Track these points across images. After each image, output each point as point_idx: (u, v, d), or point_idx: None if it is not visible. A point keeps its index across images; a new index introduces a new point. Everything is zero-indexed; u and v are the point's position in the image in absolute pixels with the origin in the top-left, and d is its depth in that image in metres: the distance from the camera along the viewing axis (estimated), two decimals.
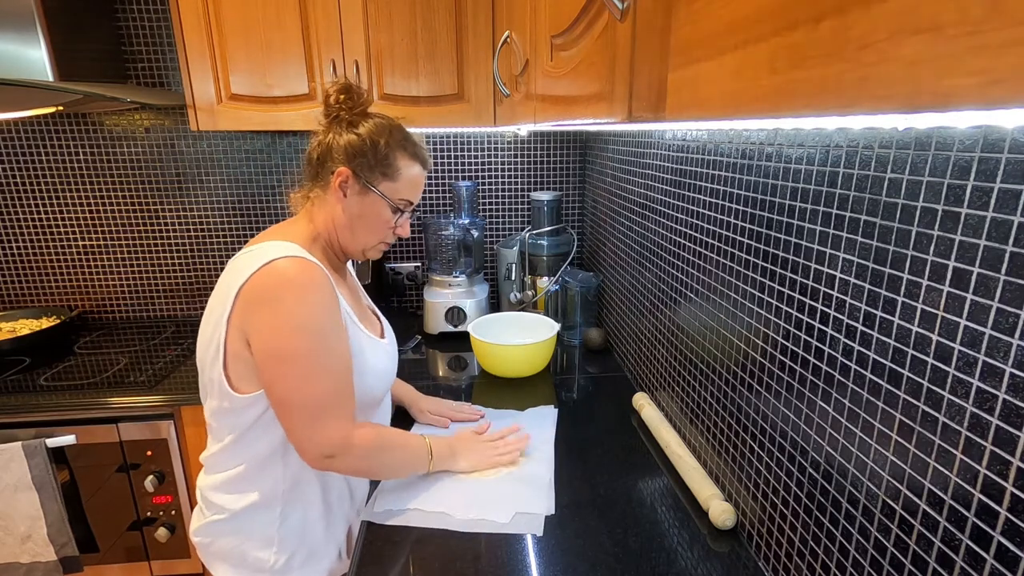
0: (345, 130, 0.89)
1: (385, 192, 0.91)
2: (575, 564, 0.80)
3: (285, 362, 0.79)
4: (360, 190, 0.90)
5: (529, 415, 1.20)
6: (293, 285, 0.79)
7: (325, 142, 0.90)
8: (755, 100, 0.30)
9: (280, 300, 0.79)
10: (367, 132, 0.89)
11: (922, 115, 0.23)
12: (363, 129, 0.89)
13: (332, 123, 0.91)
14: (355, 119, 0.90)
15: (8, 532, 1.33)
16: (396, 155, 0.90)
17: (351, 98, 0.90)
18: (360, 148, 0.88)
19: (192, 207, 1.81)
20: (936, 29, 0.19)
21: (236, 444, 0.87)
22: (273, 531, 0.89)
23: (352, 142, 0.88)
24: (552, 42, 0.76)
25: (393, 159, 0.90)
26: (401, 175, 0.91)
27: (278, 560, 0.89)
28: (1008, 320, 0.43)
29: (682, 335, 1.05)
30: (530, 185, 1.89)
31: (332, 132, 0.90)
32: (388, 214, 0.93)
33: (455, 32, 1.45)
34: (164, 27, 1.65)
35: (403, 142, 0.91)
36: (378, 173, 0.90)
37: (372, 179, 0.90)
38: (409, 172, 0.92)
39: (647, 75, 0.45)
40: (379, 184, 0.90)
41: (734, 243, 0.84)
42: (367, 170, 0.89)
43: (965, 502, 0.47)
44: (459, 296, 1.67)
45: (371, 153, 0.89)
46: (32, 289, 1.83)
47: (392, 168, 0.90)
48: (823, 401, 0.65)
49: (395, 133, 0.91)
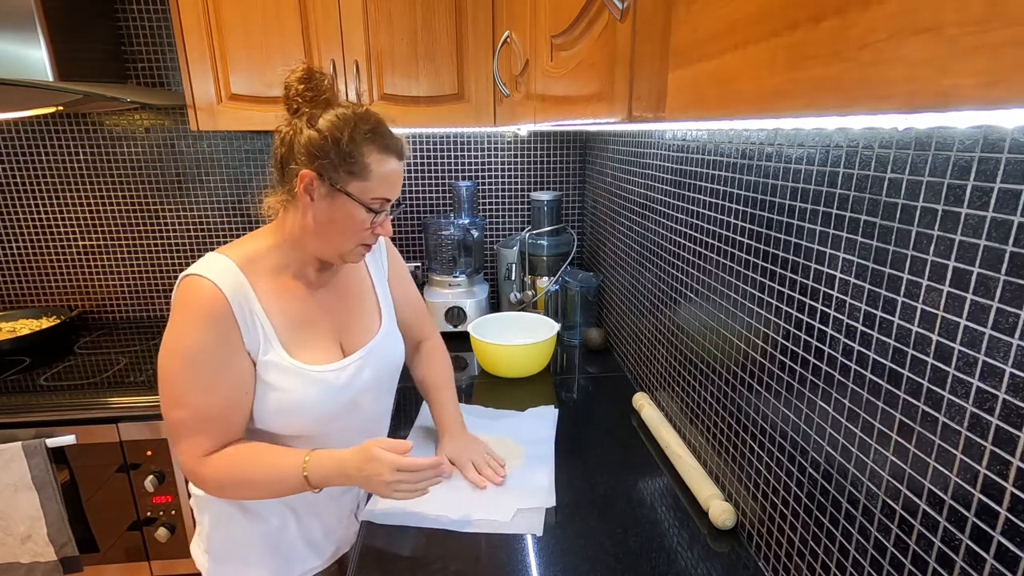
0: (305, 125, 0.79)
1: (355, 193, 0.81)
2: (575, 564, 0.80)
3: (160, 381, 0.80)
4: (327, 192, 0.81)
5: (529, 415, 1.20)
6: (180, 307, 0.78)
7: (287, 140, 0.81)
8: (755, 100, 0.30)
9: (173, 320, 0.79)
10: (328, 127, 0.78)
11: (922, 115, 0.23)
12: (323, 123, 0.79)
13: (293, 118, 0.82)
14: (316, 113, 0.80)
15: (8, 532, 1.33)
16: (363, 150, 0.80)
17: (311, 87, 0.81)
18: (321, 146, 0.78)
19: (192, 207, 1.81)
20: (936, 29, 0.19)
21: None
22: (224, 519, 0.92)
23: (312, 139, 0.78)
24: (552, 42, 0.76)
25: (359, 155, 0.80)
26: (372, 172, 0.81)
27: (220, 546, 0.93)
28: (1008, 320, 0.43)
29: (682, 335, 1.05)
30: (530, 185, 1.89)
31: (292, 128, 0.81)
32: (362, 215, 0.83)
33: (455, 32, 1.45)
34: (164, 27, 1.65)
35: (370, 135, 0.80)
36: (343, 172, 0.80)
37: (338, 180, 0.80)
38: (381, 168, 0.82)
39: (647, 75, 0.45)
40: (347, 185, 0.81)
41: (734, 243, 0.84)
42: (332, 170, 0.79)
43: (965, 502, 0.47)
44: (459, 296, 1.67)
45: (334, 151, 0.78)
46: (32, 289, 1.83)
47: (359, 165, 0.80)
48: (823, 401, 0.65)
49: (360, 125, 0.80)
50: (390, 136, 0.84)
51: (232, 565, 0.93)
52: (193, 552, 0.98)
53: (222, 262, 0.81)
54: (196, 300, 0.77)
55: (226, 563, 0.93)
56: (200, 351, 0.77)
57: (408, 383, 1.25)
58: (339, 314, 0.94)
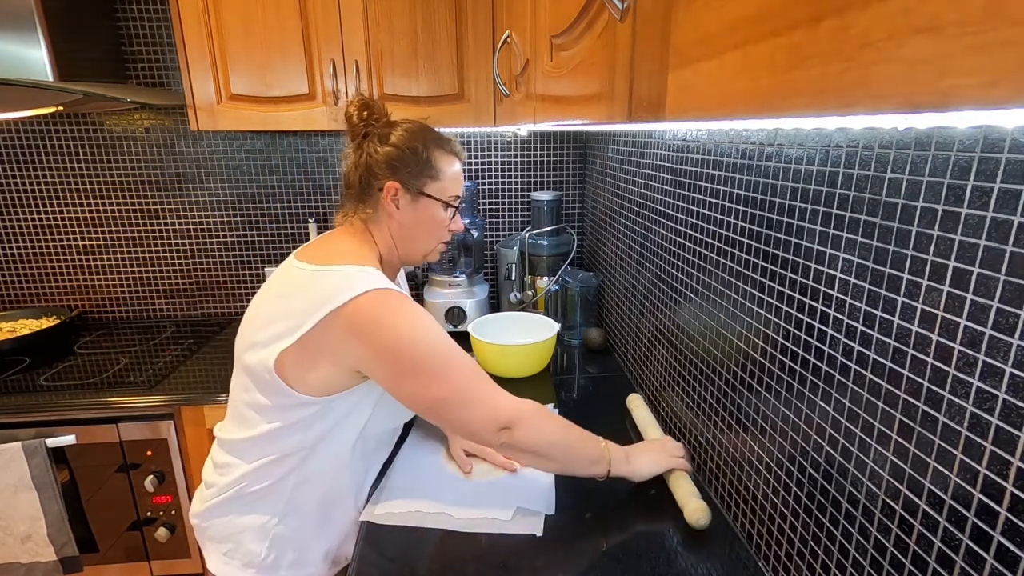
0: (379, 144, 0.90)
1: (435, 193, 0.93)
2: (575, 564, 0.80)
3: (417, 373, 0.80)
4: (411, 199, 0.91)
5: None
6: (387, 309, 0.80)
7: (362, 162, 0.90)
8: (755, 100, 0.30)
9: (385, 325, 0.79)
10: (402, 140, 0.89)
11: (922, 115, 0.23)
12: (397, 139, 0.90)
13: (363, 141, 0.91)
14: (384, 131, 0.91)
15: (8, 532, 1.33)
16: (435, 155, 0.91)
17: (372, 113, 0.91)
18: (401, 158, 0.89)
19: (192, 207, 1.81)
20: (936, 29, 0.19)
21: (269, 436, 0.87)
22: (270, 527, 0.90)
23: (391, 154, 0.89)
24: (552, 42, 0.76)
25: (434, 160, 0.91)
26: (444, 173, 0.93)
27: (268, 556, 0.90)
28: (1008, 320, 0.43)
29: (682, 335, 1.05)
30: (530, 185, 1.89)
31: (365, 150, 0.90)
32: (442, 214, 0.95)
33: (455, 32, 1.45)
34: (164, 27, 1.65)
35: (438, 140, 0.93)
36: (424, 177, 0.91)
37: (420, 185, 0.91)
38: (450, 168, 0.94)
39: (647, 75, 0.45)
40: (427, 187, 0.92)
41: (734, 243, 0.84)
42: (413, 177, 0.90)
43: (965, 502, 0.47)
44: (459, 296, 1.67)
45: (412, 160, 0.90)
46: (32, 289, 1.83)
47: (435, 169, 0.92)
48: (823, 401, 0.65)
49: (428, 134, 0.92)
50: (451, 142, 0.96)
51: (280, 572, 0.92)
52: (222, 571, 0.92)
53: (377, 274, 0.84)
54: (395, 299, 0.81)
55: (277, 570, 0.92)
56: (428, 322, 0.83)
57: None
58: None
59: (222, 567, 0.92)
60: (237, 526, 0.90)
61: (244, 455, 0.89)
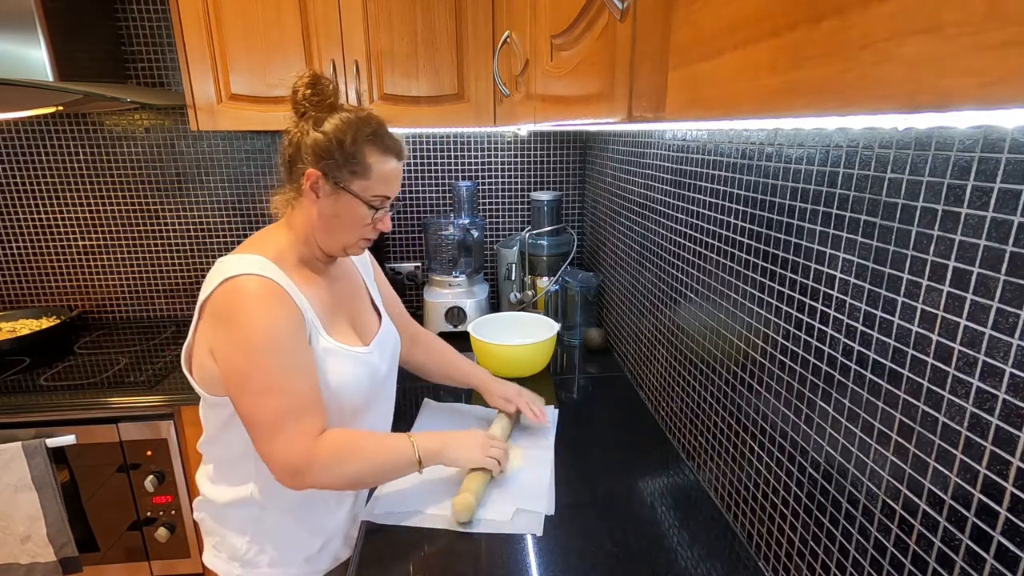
0: (312, 128, 0.85)
1: (358, 191, 0.87)
2: (575, 564, 0.80)
3: (244, 380, 0.79)
4: (332, 190, 0.87)
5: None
6: (248, 304, 0.79)
7: (294, 141, 0.87)
8: (755, 100, 0.30)
9: (237, 318, 0.78)
10: (332, 129, 0.84)
11: (922, 115, 0.23)
12: (328, 126, 0.85)
13: (300, 120, 0.87)
14: (321, 116, 0.86)
15: (8, 532, 1.33)
16: (365, 151, 0.86)
17: (317, 92, 0.86)
18: (326, 147, 0.84)
19: (192, 207, 1.81)
20: (936, 29, 0.19)
21: (212, 440, 0.92)
22: (248, 526, 0.92)
23: (318, 141, 0.84)
24: (552, 42, 0.76)
25: (362, 156, 0.86)
26: (372, 171, 0.87)
27: (250, 550, 0.92)
28: (1008, 320, 0.43)
29: (682, 335, 1.05)
30: (530, 185, 1.89)
31: (299, 130, 0.87)
32: (364, 212, 0.89)
33: (455, 32, 1.45)
34: (164, 27, 1.65)
35: (372, 137, 0.86)
36: (347, 172, 0.86)
37: (342, 179, 0.86)
38: (382, 168, 0.88)
39: (647, 75, 0.45)
40: (351, 183, 0.87)
41: (734, 243, 0.84)
42: (336, 170, 0.85)
43: (965, 502, 0.47)
44: (459, 296, 1.67)
45: (338, 152, 0.84)
46: (32, 289, 1.83)
47: (362, 165, 0.86)
48: (823, 401, 0.65)
49: (362, 128, 0.86)
50: (390, 138, 0.89)
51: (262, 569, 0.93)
52: (212, 563, 0.96)
53: (255, 259, 0.82)
54: (257, 292, 0.79)
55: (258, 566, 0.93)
56: (282, 335, 0.80)
57: (408, 383, 1.25)
58: (351, 305, 1.00)
59: (212, 559, 0.96)
60: (221, 519, 0.93)
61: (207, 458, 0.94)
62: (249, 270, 0.80)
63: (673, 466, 1.03)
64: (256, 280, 0.80)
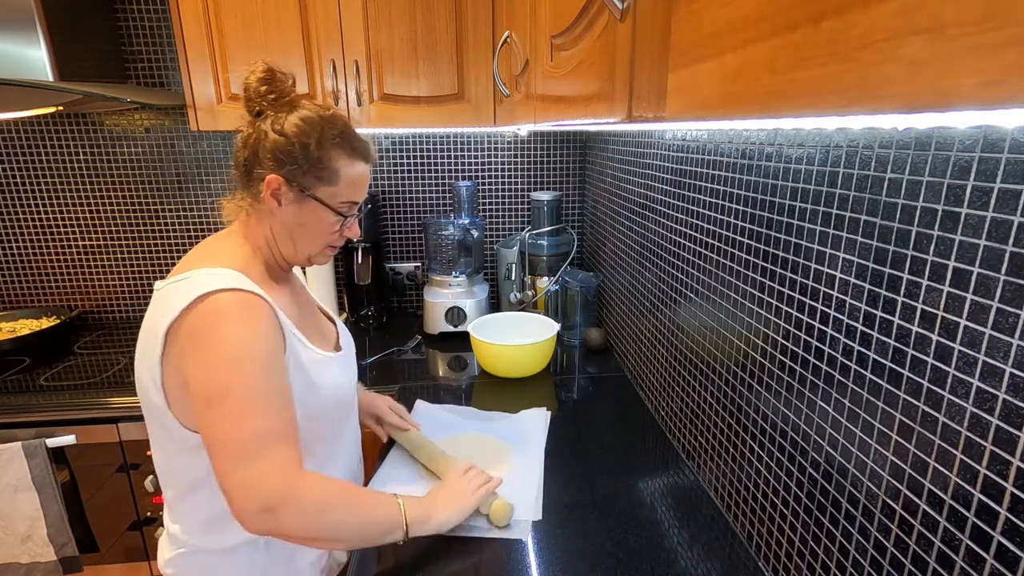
0: (270, 128, 0.77)
1: (324, 198, 0.80)
2: (575, 564, 0.80)
3: (220, 400, 0.68)
4: (295, 198, 0.79)
5: (521, 418, 1.19)
6: (229, 317, 0.70)
7: (250, 144, 0.78)
8: (755, 100, 0.30)
9: (216, 333, 0.69)
10: (294, 131, 0.76)
11: (922, 115, 0.23)
12: (289, 127, 0.76)
13: (255, 120, 0.79)
14: (280, 115, 0.77)
15: (8, 532, 1.33)
16: (331, 155, 0.78)
17: (273, 88, 0.78)
18: (288, 151, 0.76)
19: (192, 207, 1.81)
20: (936, 29, 0.19)
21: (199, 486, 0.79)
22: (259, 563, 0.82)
23: (279, 144, 0.76)
24: (552, 42, 0.76)
25: (328, 160, 0.78)
26: (340, 176, 0.80)
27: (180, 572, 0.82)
28: (1008, 320, 0.43)
29: (682, 335, 1.05)
30: (530, 185, 1.89)
31: (255, 131, 0.78)
32: (331, 219, 0.82)
33: (455, 32, 1.45)
34: (164, 27, 1.65)
35: (338, 139, 0.79)
36: (312, 178, 0.78)
37: (306, 185, 0.78)
38: (349, 172, 0.81)
39: (647, 75, 0.45)
40: (316, 190, 0.79)
41: (734, 243, 0.84)
42: (300, 176, 0.77)
43: (965, 502, 0.47)
44: (459, 296, 1.67)
45: (301, 156, 0.76)
46: (32, 289, 1.83)
47: (328, 170, 0.79)
48: (823, 401, 0.65)
49: (327, 129, 0.78)
50: (358, 139, 0.82)
51: None
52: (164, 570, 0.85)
53: (227, 273, 0.74)
54: (236, 308, 0.71)
55: None
56: (268, 348, 0.72)
57: (404, 382, 1.25)
58: (311, 312, 0.95)
59: None
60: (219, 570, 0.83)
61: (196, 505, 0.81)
62: (226, 285, 0.71)
63: (673, 466, 1.03)
64: (235, 295, 0.71)
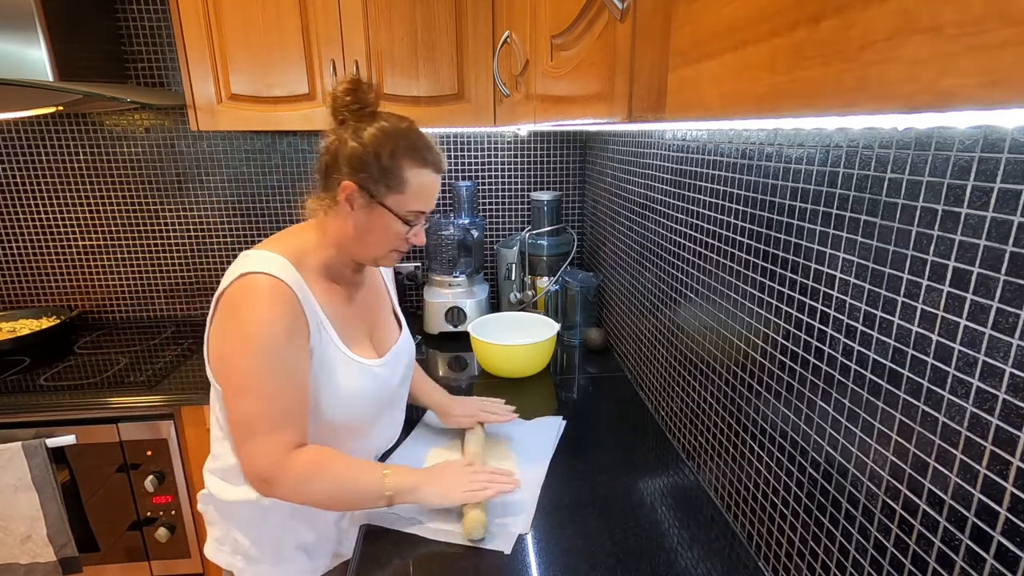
0: (350, 137, 0.83)
1: (392, 206, 0.85)
2: (575, 564, 0.80)
3: (230, 375, 0.79)
4: (366, 203, 0.85)
5: (534, 425, 1.17)
6: (253, 301, 0.78)
7: (332, 149, 0.85)
8: (755, 100, 0.30)
9: (239, 313, 0.79)
10: (371, 141, 0.82)
11: (922, 115, 0.23)
12: (367, 137, 0.83)
13: (339, 127, 0.86)
14: (360, 125, 0.84)
15: (8, 532, 1.33)
16: (402, 165, 0.84)
17: (357, 98, 0.84)
18: (363, 160, 0.82)
19: (192, 207, 1.81)
20: (936, 29, 0.19)
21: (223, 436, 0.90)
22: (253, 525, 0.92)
23: (355, 152, 0.82)
24: (552, 42, 0.76)
25: (398, 170, 0.84)
26: (409, 186, 0.85)
27: (253, 547, 0.92)
28: (1008, 320, 0.43)
29: (682, 335, 1.05)
30: (530, 185, 1.89)
31: (338, 138, 0.85)
32: (399, 227, 0.87)
33: (455, 32, 1.45)
34: (164, 27, 1.65)
35: (410, 150, 0.84)
36: (383, 186, 0.84)
37: (378, 193, 0.84)
38: (418, 181, 0.86)
39: (647, 75, 0.45)
40: (385, 198, 0.85)
41: (734, 243, 0.84)
42: (372, 183, 0.83)
43: (965, 502, 0.47)
44: (459, 296, 1.67)
45: (375, 165, 0.82)
46: (32, 289, 1.83)
47: (398, 180, 0.84)
48: (823, 401, 0.65)
49: (401, 140, 0.84)
50: (428, 150, 0.87)
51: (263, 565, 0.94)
52: (213, 556, 0.96)
53: (276, 259, 0.82)
54: (265, 291, 0.79)
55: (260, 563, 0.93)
56: (278, 339, 0.78)
57: None
58: (370, 315, 1.00)
59: (214, 552, 0.96)
60: (226, 515, 0.93)
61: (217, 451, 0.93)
62: (266, 269, 0.79)
63: (673, 466, 1.03)
64: (268, 280, 0.79)
